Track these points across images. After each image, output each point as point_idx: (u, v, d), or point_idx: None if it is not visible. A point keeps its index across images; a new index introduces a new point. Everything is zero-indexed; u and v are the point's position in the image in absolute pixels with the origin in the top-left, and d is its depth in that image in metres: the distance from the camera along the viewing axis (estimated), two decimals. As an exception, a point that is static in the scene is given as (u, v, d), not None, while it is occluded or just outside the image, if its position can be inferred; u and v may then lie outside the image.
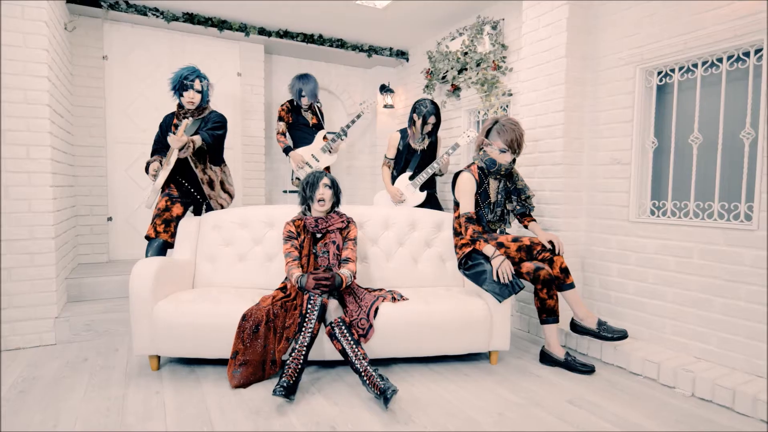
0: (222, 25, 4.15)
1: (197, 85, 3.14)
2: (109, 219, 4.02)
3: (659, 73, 2.68)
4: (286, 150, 4.11)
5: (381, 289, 2.77)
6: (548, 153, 3.04)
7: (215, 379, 2.39)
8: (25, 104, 2.75)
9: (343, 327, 2.28)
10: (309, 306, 2.28)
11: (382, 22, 4.21)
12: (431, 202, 3.71)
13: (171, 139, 2.84)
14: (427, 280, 3.04)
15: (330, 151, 4.12)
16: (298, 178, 4.11)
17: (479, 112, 4.11)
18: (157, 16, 3.90)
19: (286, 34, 4.44)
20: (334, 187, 2.69)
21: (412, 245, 3.09)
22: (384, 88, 5.17)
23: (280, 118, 4.18)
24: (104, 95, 3.95)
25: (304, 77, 4.20)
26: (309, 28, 4.42)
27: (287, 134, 4.24)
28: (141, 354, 2.43)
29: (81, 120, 3.86)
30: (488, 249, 2.59)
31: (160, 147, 3.16)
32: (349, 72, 5.31)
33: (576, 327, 2.64)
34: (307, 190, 2.67)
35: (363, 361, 2.18)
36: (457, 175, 2.85)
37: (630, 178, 2.75)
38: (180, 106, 3.18)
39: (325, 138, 4.17)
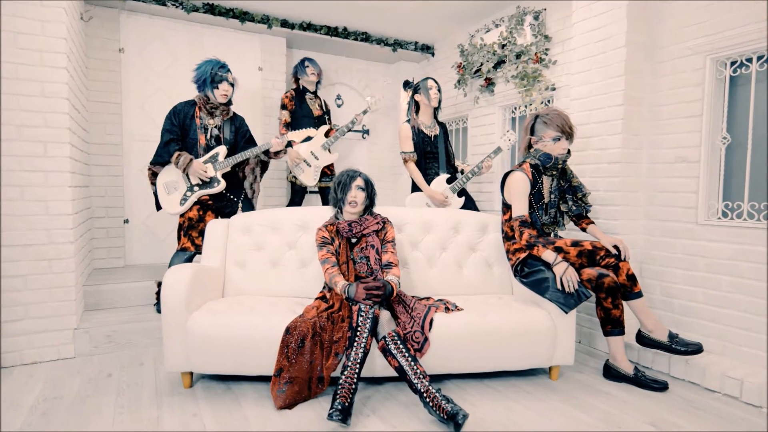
0: (244, 16, 3.93)
1: (230, 77, 2.97)
2: (126, 221, 3.80)
3: (733, 63, 2.47)
4: (286, 144, 3.84)
5: (428, 298, 2.56)
6: (604, 150, 2.83)
7: (255, 398, 2.17)
8: (41, 97, 2.53)
9: (399, 341, 2.07)
10: (360, 318, 2.07)
11: (409, 14, 4.00)
12: (468, 206, 3.50)
13: (275, 142, 3.06)
14: (473, 287, 2.83)
15: (330, 150, 3.91)
16: (294, 177, 3.86)
17: (516, 108, 3.90)
18: (177, 7, 3.68)
19: (309, 27, 4.22)
20: (368, 188, 2.48)
21: (455, 249, 2.88)
22: (408, 84, 4.95)
23: (284, 106, 3.89)
24: (120, 90, 3.73)
25: (306, 57, 4.04)
26: (333, 20, 4.21)
27: (290, 126, 3.96)
28: (174, 371, 2.21)
29: (96, 116, 3.64)
30: (548, 255, 2.37)
31: (177, 137, 2.96)
32: (370, 67, 5.10)
33: (643, 339, 2.42)
34: (338, 191, 2.46)
35: (424, 380, 1.97)
36: (506, 175, 2.64)
37: (698, 177, 2.54)
38: (206, 98, 2.98)
39: (328, 134, 3.94)
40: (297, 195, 3.99)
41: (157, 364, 2.59)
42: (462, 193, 3.47)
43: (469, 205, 3.50)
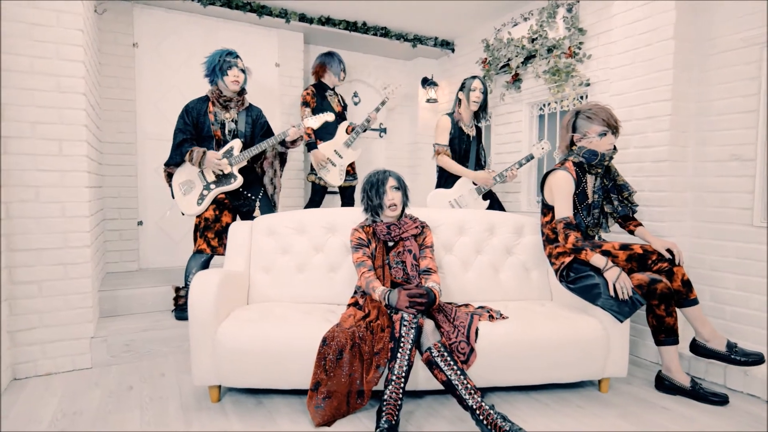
0: (261, 10, 3.78)
1: (240, 63, 2.82)
2: (140, 223, 3.66)
3: (793, 55, 2.32)
4: (309, 146, 3.70)
5: (467, 305, 2.41)
6: (648, 148, 2.68)
7: (289, 414, 2.03)
8: (57, 92, 2.39)
9: (446, 353, 1.92)
10: (403, 329, 1.92)
11: (431, 8, 3.85)
12: (493, 208, 3.35)
13: (293, 131, 2.90)
14: (510, 293, 2.68)
15: (351, 146, 3.78)
16: (320, 177, 3.72)
17: (545, 105, 3.75)
18: (193, 0, 3.53)
19: (328, 21, 4.08)
20: (402, 186, 2.33)
21: (491, 253, 2.73)
22: (426, 81, 4.81)
23: (306, 104, 3.74)
24: (134, 86, 3.59)
25: (332, 52, 3.90)
26: (352, 14, 4.06)
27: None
28: (202, 385, 2.07)
29: (109, 114, 3.49)
30: (598, 259, 2.22)
31: (190, 137, 2.83)
32: (388, 64, 4.94)
33: (698, 349, 2.27)
34: (372, 195, 2.29)
35: (475, 396, 1.82)
36: (547, 174, 2.50)
37: (755, 176, 2.40)
38: (218, 92, 2.84)
39: (348, 130, 3.80)
40: (317, 194, 3.85)
41: (179, 375, 2.44)
42: (487, 196, 3.33)
43: (495, 207, 3.36)
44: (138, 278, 3.34)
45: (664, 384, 2.29)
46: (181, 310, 2.92)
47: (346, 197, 3.98)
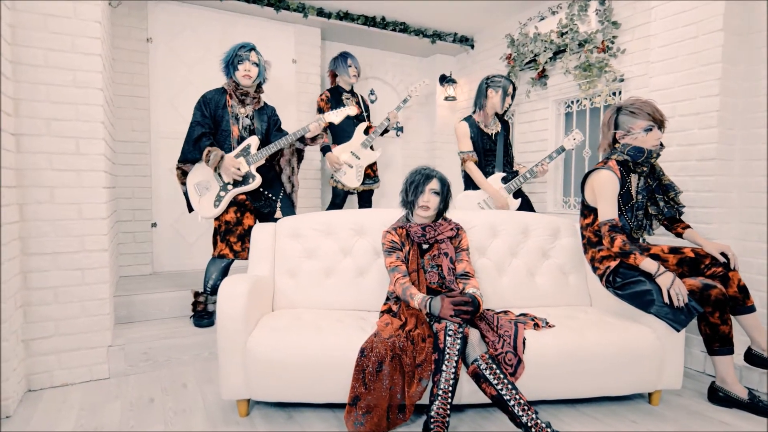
0: (279, 4, 3.65)
1: (253, 56, 2.70)
2: (154, 225, 3.53)
3: None
4: (324, 149, 3.59)
5: (506, 311, 2.28)
6: (693, 146, 2.55)
7: (323, 429, 1.90)
8: (73, 87, 2.26)
9: (494, 365, 1.79)
10: (449, 339, 1.79)
11: (451, 3, 3.71)
12: (523, 208, 3.22)
13: (313, 126, 2.79)
14: (548, 298, 2.55)
15: (372, 147, 3.65)
16: (338, 180, 3.61)
17: (573, 102, 3.62)
18: (208, -7, 3.41)
19: (346, 16, 3.95)
20: (443, 192, 2.19)
21: (526, 256, 2.60)
22: (444, 79, 4.68)
23: (320, 110, 3.63)
24: (148, 83, 3.46)
25: (347, 52, 3.76)
26: (371, 9, 3.93)
27: (328, 129, 3.71)
28: (231, 399, 1.94)
29: (122, 111, 3.37)
30: (649, 264, 2.09)
31: (209, 131, 2.70)
32: (405, 61, 4.81)
33: (754, 359, 2.15)
34: (410, 191, 2.17)
35: (529, 412, 1.69)
36: (588, 174, 2.37)
37: (811, 175, 2.27)
38: (235, 84, 2.73)
39: (368, 131, 3.68)
40: (338, 197, 3.72)
41: (202, 385, 2.31)
42: (518, 194, 3.20)
43: (526, 206, 3.22)
44: (153, 282, 3.21)
45: (718, 396, 2.16)
46: (200, 316, 2.79)
47: (364, 200, 3.85)
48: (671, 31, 2.62)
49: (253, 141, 2.76)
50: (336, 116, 2.89)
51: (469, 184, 3.21)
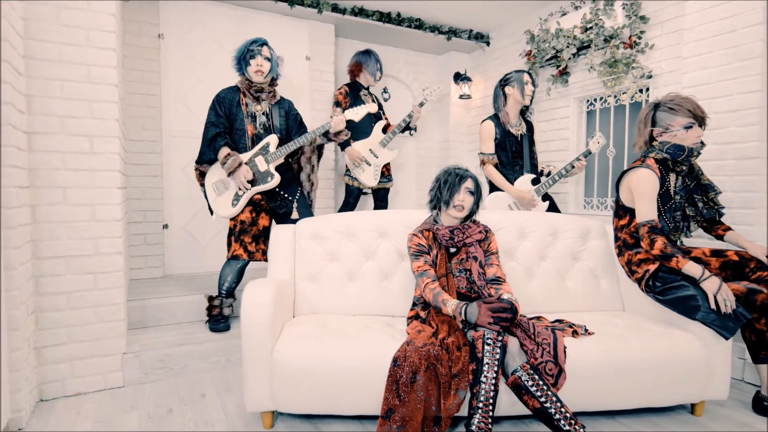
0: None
1: (265, 51, 2.62)
2: (165, 226, 3.43)
3: None
4: (343, 145, 3.51)
5: (540, 317, 2.18)
6: (730, 144, 2.45)
7: (354, 444, 1.80)
8: (88, 84, 2.16)
9: (537, 376, 1.69)
10: (487, 348, 1.70)
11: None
12: (551, 211, 3.12)
13: (336, 121, 2.70)
14: (579, 302, 2.45)
15: (388, 146, 3.58)
16: (354, 178, 3.53)
17: (596, 100, 3.52)
18: (222, -12, 3.32)
19: (361, 12, 3.85)
20: (477, 192, 2.10)
21: (556, 259, 2.50)
22: (459, 77, 4.58)
23: (338, 104, 3.55)
24: (159, 81, 3.36)
25: (369, 50, 3.69)
26: (386, 5, 3.84)
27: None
28: (256, 411, 1.84)
29: (133, 110, 3.27)
30: (693, 268, 1.98)
31: (224, 130, 2.63)
32: (418, 58, 4.72)
33: (803, 367, 2.04)
34: (443, 190, 2.08)
35: (576, 426, 1.59)
36: (625, 173, 2.27)
37: None
38: (248, 81, 2.65)
39: (386, 129, 3.60)
40: (351, 196, 3.62)
41: (221, 395, 2.21)
42: (545, 197, 3.10)
43: (553, 209, 3.13)
44: (165, 286, 3.11)
45: (764, 406, 2.05)
46: (216, 321, 2.69)
47: (379, 199, 3.76)
48: (706, 24, 2.52)
49: (272, 139, 2.68)
50: (356, 114, 2.80)
51: (494, 186, 3.11)
